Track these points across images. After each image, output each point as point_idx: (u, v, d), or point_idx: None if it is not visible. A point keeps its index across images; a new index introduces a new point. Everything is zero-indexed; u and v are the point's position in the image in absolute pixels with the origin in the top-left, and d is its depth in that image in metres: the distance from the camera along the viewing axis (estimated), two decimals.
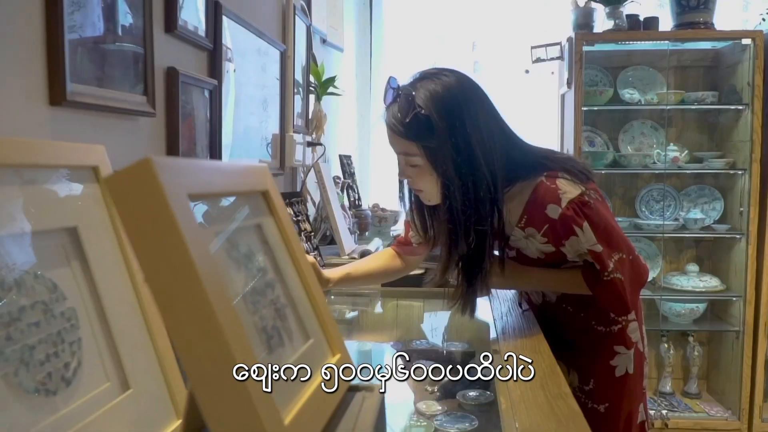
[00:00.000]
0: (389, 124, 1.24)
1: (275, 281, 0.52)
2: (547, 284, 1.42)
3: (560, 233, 1.28)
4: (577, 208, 1.26)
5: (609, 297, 1.31)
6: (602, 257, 1.27)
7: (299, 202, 1.77)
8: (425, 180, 1.25)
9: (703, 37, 3.16)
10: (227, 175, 0.48)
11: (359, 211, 3.15)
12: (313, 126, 2.08)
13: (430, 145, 1.20)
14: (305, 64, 2.04)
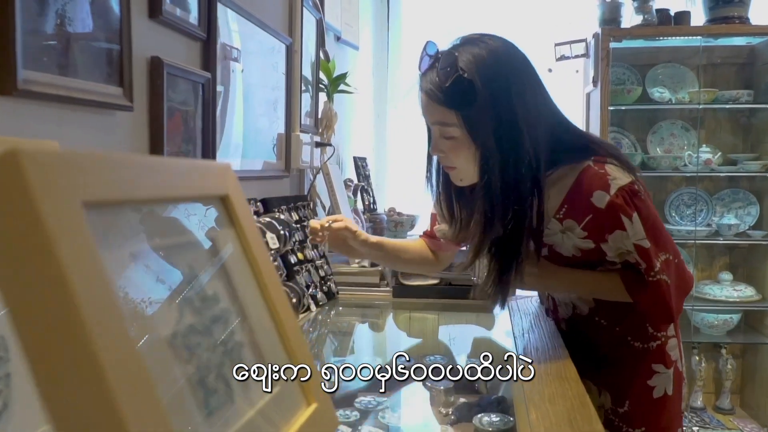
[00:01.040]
0: (426, 90, 1.14)
1: (229, 313, 0.40)
2: (581, 286, 1.28)
3: (604, 225, 1.17)
4: (628, 196, 1.16)
5: (653, 301, 1.20)
6: (650, 254, 1.17)
7: (305, 206, 1.65)
8: (460, 155, 1.15)
9: (738, 32, 2.99)
10: (166, 175, 0.36)
11: (374, 215, 3.02)
12: (323, 126, 1.97)
13: (471, 114, 1.11)
14: (314, 60, 1.92)
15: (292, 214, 1.58)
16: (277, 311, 0.45)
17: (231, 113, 1.43)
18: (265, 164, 1.57)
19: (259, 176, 1.50)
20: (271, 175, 1.56)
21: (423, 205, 3.62)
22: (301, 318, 1.44)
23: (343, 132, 3.05)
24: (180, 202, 0.39)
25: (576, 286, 1.29)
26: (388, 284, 1.72)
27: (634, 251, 1.18)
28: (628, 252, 1.19)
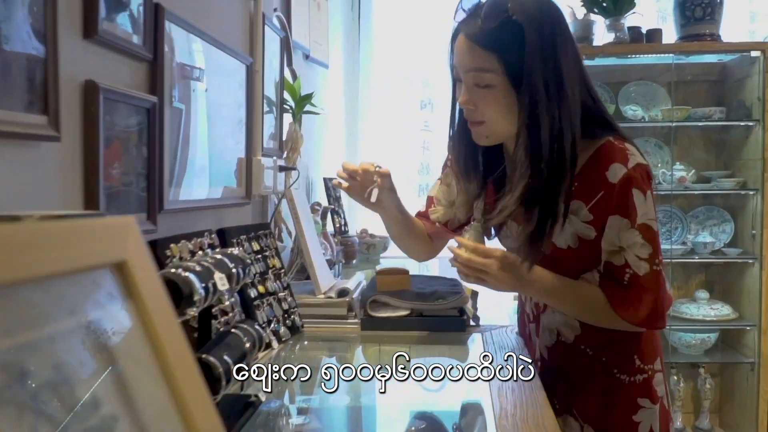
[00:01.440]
0: (468, 34, 1.11)
1: (113, 420, 0.31)
2: (567, 294, 1.22)
3: (610, 205, 1.13)
4: (645, 174, 1.14)
5: (650, 291, 1.15)
6: (656, 238, 1.14)
7: (267, 235, 1.56)
8: (494, 105, 1.12)
9: (710, 50, 2.98)
10: (29, 246, 0.28)
11: (345, 238, 2.94)
12: (288, 148, 1.88)
13: (516, 59, 1.08)
14: (279, 80, 1.84)
15: (253, 243, 1.49)
16: (185, 400, 0.36)
17: (194, 135, 1.34)
18: (226, 190, 1.48)
19: (217, 205, 1.41)
20: (230, 203, 1.46)
21: None
22: (262, 356, 1.34)
23: (313, 152, 2.97)
24: (51, 278, 0.30)
25: (566, 288, 1.22)
26: (356, 316, 1.63)
27: (637, 235, 1.13)
28: (619, 250, 1.15)
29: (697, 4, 2.91)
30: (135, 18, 1.03)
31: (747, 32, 3.37)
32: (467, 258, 1.11)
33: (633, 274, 1.16)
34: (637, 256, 1.15)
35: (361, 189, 1.25)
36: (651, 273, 1.15)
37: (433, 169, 3.59)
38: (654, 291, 1.16)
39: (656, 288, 1.16)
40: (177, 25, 1.16)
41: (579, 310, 1.23)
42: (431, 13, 3.57)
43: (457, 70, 1.17)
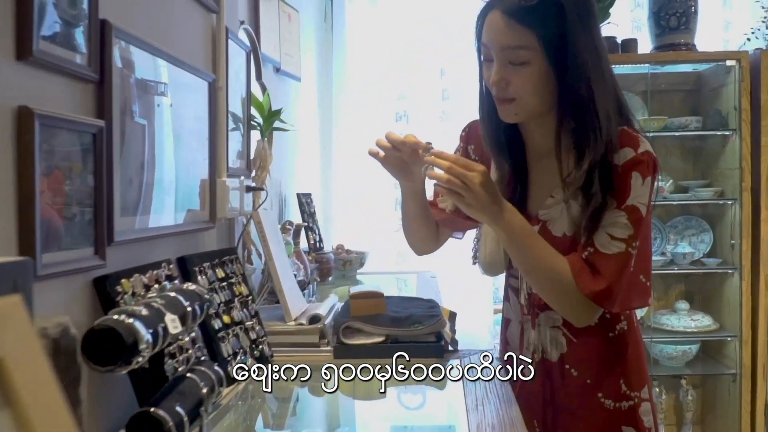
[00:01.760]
0: (506, 10, 1.10)
1: None
2: (533, 240, 1.17)
3: (613, 184, 1.14)
4: (652, 162, 1.16)
5: (611, 272, 1.13)
6: (641, 222, 1.14)
7: (233, 261, 1.48)
8: (528, 82, 1.12)
9: (686, 60, 2.96)
10: None
11: (320, 255, 2.86)
12: (257, 166, 1.80)
13: (553, 36, 1.09)
14: (246, 96, 1.77)
15: (217, 271, 1.41)
16: None
17: (160, 153, 1.26)
18: (189, 214, 1.40)
19: (179, 231, 1.32)
20: (193, 228, 1.38)
21: (373, 239, 3.48)
22: (227, 393, 1.26)
23: (286, 167, 2.89)
24: None
25: (534, 234, 1.18)
26: (329, 343, 1.55)
27: (621, 216, 1.13)
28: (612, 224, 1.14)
29: (672, 14, 2.89)
30: (77, 36, 0.95)
31: (721, 41, 3.37)
32: (448, 166, 1.05)
33: (594, 251, 1.14)
34: (611, 235, 1.13)
35: (398, 161, 1.20)
36: (623, 254, 1.13)
37: None
38: (618, 270, 1.13)
39: (620, 269, 1.13)
40: (129, 42, 1.08)
41: (539, 263, 1.16)
42: (405, 24, 3.53)
43: (488, 49, 1.15)
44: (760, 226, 2.88)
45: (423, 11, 3.52)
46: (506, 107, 1.17)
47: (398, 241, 3.54)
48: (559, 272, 1.14)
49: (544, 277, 1.17)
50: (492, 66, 1.15)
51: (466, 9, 3.48)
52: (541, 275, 1.17)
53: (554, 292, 1.18)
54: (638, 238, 1.14)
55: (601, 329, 1.25)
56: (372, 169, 3.55)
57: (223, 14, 1.53)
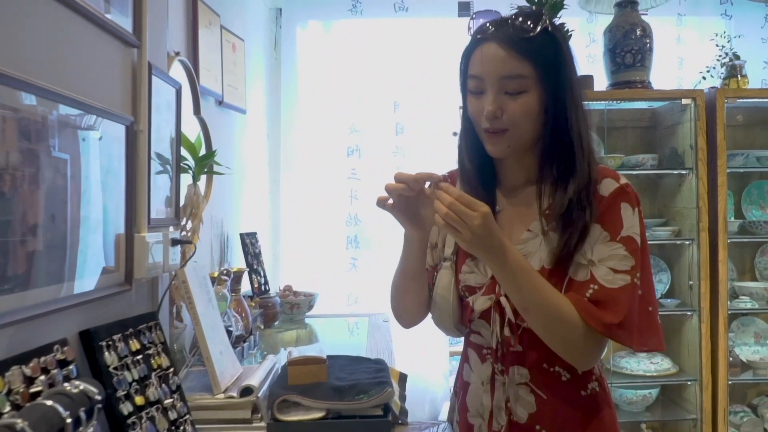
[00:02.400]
0: (503, 41, 1.13)
1: None
2: (541, 290, 1.12)
3: (599, 213, 1.16)
4: (634, 193, 1.19)
5: (621, 303, 1.12)
6: (638, 252, 1.14)
7: (152, 328, 1.30)
8: (524, 111, 1.14)
9: (643, 98, 2.92)
10: None
11: (265, 299, 2.67)
12: (188, 214, 1.63)
13: (547, 68, 1.14)
14: (175, 136, 1.60)
15: (131, 342, 1.22)
16: None
17: (60, 212, 1.08)
18: (100, 278, 1.22)
19: (84, 300, 1.14)
20: (102, 295, 1.20)
21: (323, 279, 3.31)
22: None
23: (230, 206, 2.71)
24: None
25: (535, 273, 1.13)
26: (262, 418, 1.37)
27: (619, 248, 1.13)
28: (587, 264, 1.14)
29: (628, 51, 2.85)
30: None
31: (675, 78, 3.35)
32: (450, 201, 1.03)
33: (599, 288, 1.12)
34: (613, 269, 1.12)
35: (407, 206, 1.17)
36: (630, 286, 1.12)
37: (362, 218, 3.38)
38: (626, 304, 1.11)
39: (632, 300, 1.12)
40: (15, 88, 0.91)
41: (541, 301, 1.11)
42: (359, 53, 3.41)
43: (480, 80, 1.16)
44: (718, 267, 2.83)
45: (378, 40, 3.41)
46: (498, 139, 1.17)
47: (350, 281, 3.38)
48: (562, 310, 1.11)
49: (547, 315, 1.12)
50: (483, 98, 1.16)
51: (423, 40, 3.40)
52: (543, 314, 1.13)
53: (558, 331, 1.13)
54: (641, 269, 1.14)
55: (573, 387, 1.21)
56: (322, 207, 3.45)
57: (145, 48, 1.36)
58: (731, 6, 3.36)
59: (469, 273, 1.27)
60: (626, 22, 2.86)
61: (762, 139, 3.19)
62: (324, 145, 3.37)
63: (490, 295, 1.23)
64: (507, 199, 1.28)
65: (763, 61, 3.27)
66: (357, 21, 3.40)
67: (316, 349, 2.55)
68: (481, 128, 1.18)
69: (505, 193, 1.29)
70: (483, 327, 1.26)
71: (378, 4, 3.35)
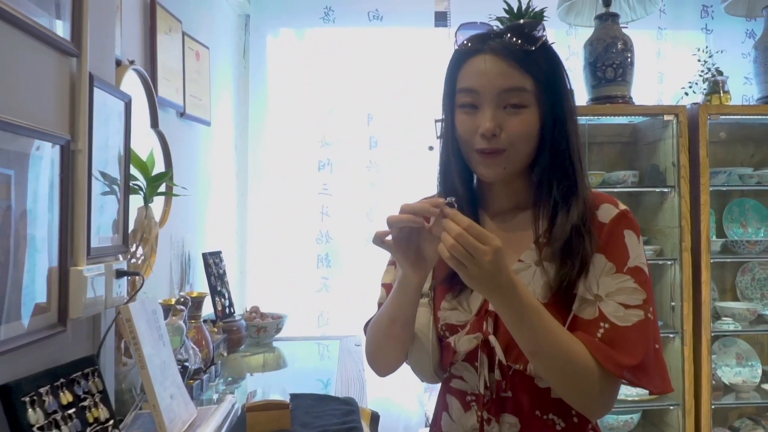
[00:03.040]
0: (502, 53, 1.05)
1: None
2: (546, 319, 0.99)
3: (601, 242, 1.06)
4: (635, 220, 1.10)
5: (639, 342, 1.00)
6: (649, 283, 1.05)
7: (89, 375, 1.14)
8: (524, 128, 1.05)
9: (625, 113, 2.83)
10: None
11: (229, 323, 2.51)
12: (138, 239, 1.47)
13: (544, 84, 1.06)
14: (124, 154, 1.45)
15: (62, 395, 1.07)
16: None
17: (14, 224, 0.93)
18: (32, 317, 1.06)
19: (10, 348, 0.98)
20: (27, 342, 1.04)
21: (293, 299, 3.15)
22: None
23: (193, 223, 2.55)
24: None
25: (545, 312, 1.00)
26: None
27: (627, 280, 1.03)
28: (594, 300, 1.03)
29: (609, 65, 2.76)
30: None
31: (655, 93, 3.28)
32: (458, 233, 0.92)
33: (611, 327, 1.01)
34: (623, 304, 1.02)
35: (409, 242, 1.03)
36: (644, 322, 1.01)
37: (333, 236, 3.24)
38: (643, 343, 1.00)
39: (648, 338, 1.01)
40: None
41: (553, 345, 0.99)
42: (332, 63, 3.27)
43: (474, 94, 1.07)
44: (701, 288, 2.74)
45: (352, 49, 3.27)
46: (494, 161, 1.06)
47: (320, 302, 3.23)
48: (575, 352, 1.00)
49: (558, 359, 1.00)
50: (477, 114, 1.06)
51: (399, 50, 3.28)
52: (555, 358, 1.00)
53: (571, 376, 1.01)
54: (652, 302, 1.04)
55: None
56: (292, 223, 3.28)
57: (86, 57, 1.21)
58: (712, 20, 3.31)
59: (449, 310, 1.14)
60: (607, 35, 2.77)
61: (743, 156, 3.14)
62: (294, 159, 3.23)
63: (476, 333, 1.10)
64: (495, 224, 1.16)
65: (743, 76, 3.22)
66: (330, 29, 3.27)
67: (283, 376, 2.41)
68: (473, 149, 1.07)
69: (491, 219, 1.17)
70: (467, 370, 1.13)
71: (351, 12, 3.22)
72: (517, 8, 2.15)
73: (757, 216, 3.11)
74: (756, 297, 3.13)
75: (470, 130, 1.07)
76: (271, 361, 2.58)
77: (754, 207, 3.11)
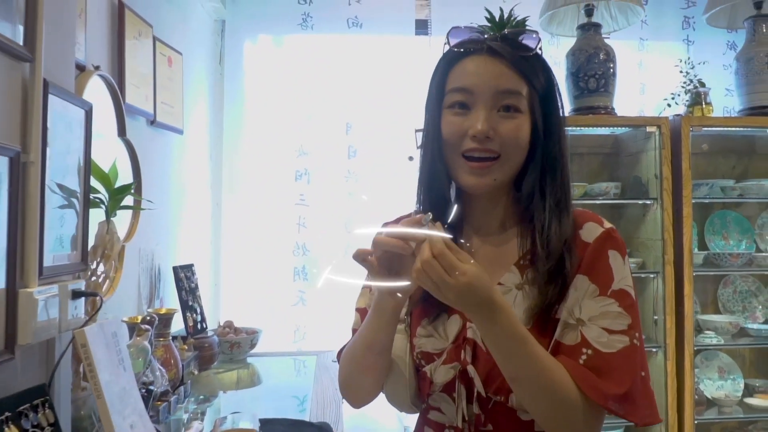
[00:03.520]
0: (505, 53, 1.01)
1: None
2: (530, 343, 0.93)
3: (584, 263, 0.99)
4: (621, 240, 1.04)
5: (625, 370, 0.94)
6: (636, 307, 0.99)
7: (39, 407, 1.05)
8: (518, 134, 1.00)
9: (607, 124, 2.79)
10: None
11: (200, 340, 2.41)
12: (98, 256, 1.38)
13: (538, 92, 1.02)
14: (84, 165, 1.36)
15: (7, 429, 0.97)
16: None
17: None
18: None
19: None
20: None
21: (268, 313, 3.06)
22: None
23: (164, 236, 2.45)
24: None
25: (529, 336, 0.94)
26: None
27: (611, 304, 0.97)
28: (576, 324, 0.97)
29: (591, 75, 2.72)
30: None
31: (637, 104, 3.26)
32: (427, 258, 0.87)
33: (594, 353, 0.95)
34: (607, 329, 0.96)
35: (392, 266, 0.98)
36: (629, 348, 0.95)
37: (310, 248, 3.15)
38: (629, 371, 0.94)
39: (634, 366, 0.95)
40: None
41: (535, 372, 0.93)
42: (310, 71, 3.19)
43: (469, 93, 1.01)
44: (684, 302, 2.71)
45: (331, 57, 3.20)
46: (485, 170, 1.00)
47: (297, 316, 3.14)
48: (558, 380, 0.94)
49: (540, 387, 0.94)
50: (468, 115, 1.01)
51: (378, 58, 3.21)
52: (537, 385, 0.94)
53: (553, 405, 0.95)
54: (638, 327, 0.98)
55: None
56: (268, 235, 3.19)
57: (40, 62, 1.12)
58: (693, 32, 3.29)
59: (425, 337, 1.07)
60: (589, 45, 2.74)
61: (724, 168, 3.12)
62: (270, 168, 3.14)
63: (454, 363, 1.03)
64: (477, 241, 1.10)
65: (725, 88, 3.20)
66: (308, 36, 3.20)
67: (258, 394, 2.33)
68: (459, 153, 1.01)
69: (473, 236, 1.10)
70: (444, 402, 1.06)
71: (330, 18, 3.16)
72: (499, 17, 2.09)
73: (739, 228, 3.09)
74: (738, 309, 3.10)
75: (459, 132, 1.01)
76: (245, 378, 2.50)
77: (735, 219, 3.09)
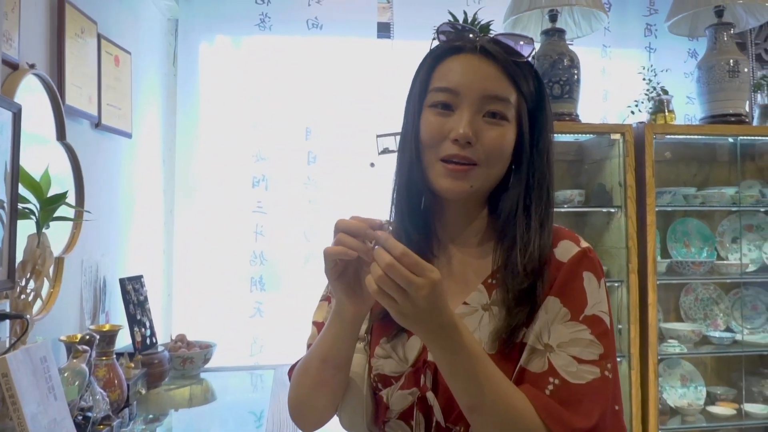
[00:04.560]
0: (497, 55, 0.94)
1: None
2: (488, 366, 0.85)
3: (557, 284, 0.92)
4: (597, 260, 0.96)
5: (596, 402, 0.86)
6: (610, 336, 0.91)
7: None
8: (501, 144, 0.94)
9: (571, 131, 2.75)
10: None
11: (149, 356, 2.28)
12: (27, 272, 1.25)
13: (526, 102, 0.96)
14: (11, 172, 1.23)
15: None
16: None
17: None
18: None
19: None
20: None
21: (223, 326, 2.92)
22: None
23: (111, 246, 2.31)
24: None
25: (488, 359, 0.85)
26: None
27: (583, 331, 0.89)
28: (544, 350, 0.89)
29: (556, 82, 2.68)
30: None
31: (600, 111, 3.24)
32: (388, 263, 0.76)
33: (561, 383, 0.87)
34: (576, 357, 0.89)
35: (347, 271, 0.88)
36: (599, 380, 0.88)
37: (268, 257, 3.03)
38: (598, 404, 0.86)
39: (605, 399, 0.87)
40: None
41: (494, 399, 0.84)
42: (269, 73, 3.08)
43: (455, 94, 0.94)
44: (648, 311, 2.68)
45: (290, 59, 3.09)
46: (462, 174, 0.93)
47: (254, 328, 3.02)
48: (520, 411, 0.85)
49: (500, 418, 0.86)
50: (448, 116, 0.94)
51: (339, 61, 3.12)
52: (496, 415, 0.85)
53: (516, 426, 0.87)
54: (611, 357, 0.90)
55: None
56: (224, 242, 3.05)
57: None
58: (655, 39, 3.29)
59: (383, 358, 0.99)
60: (554, 51, 2.70)
61: (686, 176, 3.12)
62: (226, 174, 3.01)
63: (412, 389, 0.95)
64: (446, 258, 1.01)
65: (686, 95, 3.21)
66: (267, 37, 3.08)
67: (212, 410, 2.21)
68: (437, 157, 0.94)
69: (448, 245, 1.02)
70: (401, 430, 0.97)
71: (289, 20, 3.05)
72: (463, 20, 2.02)
73: (700, 236, 3.10)
74: (699, 317, 3.10)
75: (439, 134, 0.93)
76: (198, 395, 2.37)
77: (697, 227, 3.09)
